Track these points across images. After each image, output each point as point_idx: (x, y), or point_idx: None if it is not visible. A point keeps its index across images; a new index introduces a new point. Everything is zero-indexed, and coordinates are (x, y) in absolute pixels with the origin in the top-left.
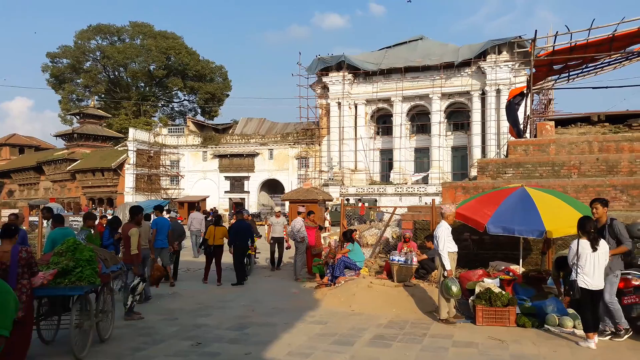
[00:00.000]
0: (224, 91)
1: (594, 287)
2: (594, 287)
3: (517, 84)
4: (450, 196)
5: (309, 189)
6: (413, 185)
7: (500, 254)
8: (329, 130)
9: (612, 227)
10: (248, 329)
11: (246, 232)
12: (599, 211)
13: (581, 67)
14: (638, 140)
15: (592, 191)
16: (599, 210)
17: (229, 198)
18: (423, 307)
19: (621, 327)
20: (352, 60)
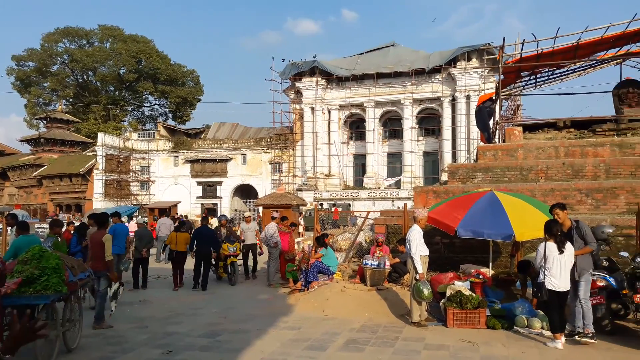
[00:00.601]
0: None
1: (560, 289)
2: (560, 289)
3: (486, 90)
4: (422, 200)
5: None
6: (386, 190)
7: (470, 257)
8: (303, 135)
9: (579, 228)
10: (220, 336)
11: (209, 238)
12: (560, 216)
13: (548, 74)
14: (602, 145)
15: (559, 195)
16: (560, 215)
17: (201, 204)
18: (395, 310)
19: (589, 331)
20: (325, 65)
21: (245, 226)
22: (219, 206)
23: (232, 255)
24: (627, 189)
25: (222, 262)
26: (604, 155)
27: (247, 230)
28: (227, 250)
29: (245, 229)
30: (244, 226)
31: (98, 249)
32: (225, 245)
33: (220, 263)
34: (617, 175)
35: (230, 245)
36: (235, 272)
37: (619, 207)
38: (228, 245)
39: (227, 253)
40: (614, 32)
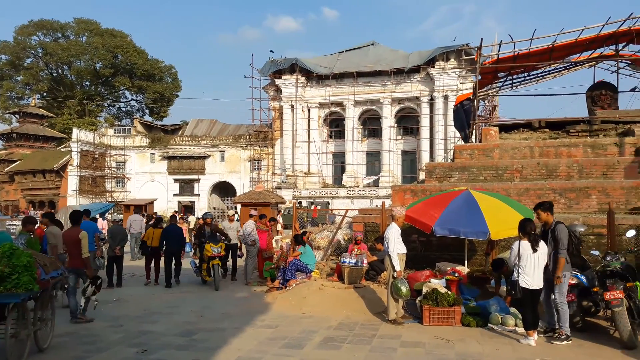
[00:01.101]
0: (174, 91)
1: (534, 287)
2: (534, 287)
3: (463, 90)
4: (400, 199)
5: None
6: (365, 188)
7: (446, 255)
8: (282, 132)
9: (554, 230)
10: (196, 335)
11: (178, 236)
12: (541, 217)
13: (524, 75)
14: (575, 146)
15: (533, 194)
16: (541, 217)
17: (178, 201)
18: (373, 308)
19: (563, 333)
20: (305, 63)
21: (228, 225)
22: (197, 204)
23: (217, 257)
24: (599, 188)
25: (205, 265)
26: (577, 156)
27: (229, 229)
28: (210, 251)
29: (227, 228)
30: (226, 225)
31: (73, 247)
32: (209, 245)
33: (203, 265)
34: (589, 176)
35: (213, 246)
36: (217, 276)
37: (591, 207)
38: (211, 246)
39: (210, 254)
40: (588, 35)
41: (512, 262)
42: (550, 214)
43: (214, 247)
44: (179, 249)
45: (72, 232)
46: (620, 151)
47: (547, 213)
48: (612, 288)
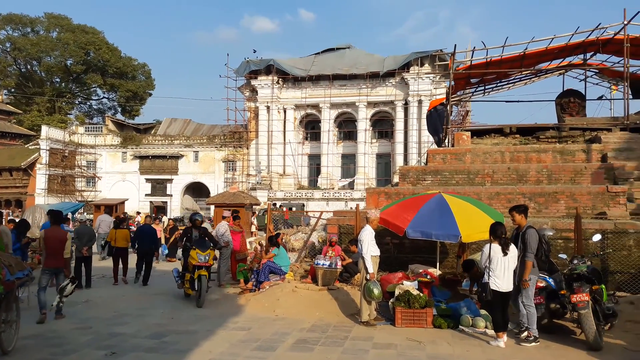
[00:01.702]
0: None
1: (503, 289)
2: (503, 289)
3: (437, 95)
4: (374, 201)
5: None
6: (340, 191)
7: (419, 258)
8: (258, 133)
9: (524, 234)
10: (167, 337)
11: (150, 236)
12: (515, 219)
13: (496, 82)
14: (544, 151)
15: (504, 198)
16: (515, 218)
17: (150, 201)
18: (346, 310)
19: (531, 334)
20: (281, 64)
21: None
22: (169, 204)
23: (203, 267)
24: (567, 193)
25: (188, 275)
26: (546, 161)
27: None
28: (195, 259)
29: None
30: None
31: (57, 246)
32: (195, 252)
33: (187, 276)
34: (558, 181)
35: (200, 253)
36: (203, 290)
37: (559, 211)
38: (198, 253)
39: (195, 262)
40: (557, 43)
41: (483, 264)
42: (524, 217)
43: (200, 255)
44: (152, 248)
45: (57, 232)
46: (588, 157)
47: (522, 216)
48: (578, 291)
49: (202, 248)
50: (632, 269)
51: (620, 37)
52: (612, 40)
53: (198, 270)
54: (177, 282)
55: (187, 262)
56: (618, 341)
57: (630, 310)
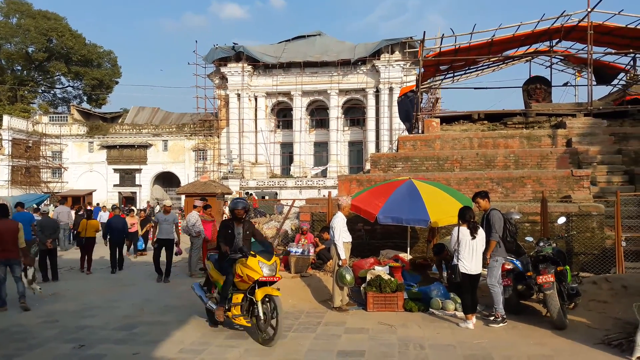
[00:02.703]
0: (113, 78)
1: (472, 272)
2: (472, 272)
3: (408, 82)
4: (346, 188)
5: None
6: (313, 179)
7: (390, 243)
8: (229, 122)
9: (489, 217)
10: (137, 329)
11: (121, 227)
12: (481, 204)
13: (465, 69)
14: (512, 137)
15: (472, 184)
16: (481, 204)
17: (119, 192)
18: (318, 296)
19: (498, 315)
20: (251, 51)
21: (162, 217)
22: (138, 195)
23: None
24: (534, 178)
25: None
26: (513, 147)
27: (163, 221)
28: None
29: (162, 220)
30: (160, 217)
31: (6, 238)
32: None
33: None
34: (525, 166)
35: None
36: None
37: (526, 195)
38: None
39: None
40: (524, 30)
41: (452, 247)
42: (488, 201)
43: (265, 265)
44: (123, 238)
45: (5, 223)
46: (553, 142)
47: (486, 200)
48: (544, 272)
49: (267, 255)
50: (595, 250)
51: (584, 25)
52: (576, 28)
53: (262, 289)
54: (207, 304)
55: (229, 278)
56: (582, 319)
57: (593, 290)
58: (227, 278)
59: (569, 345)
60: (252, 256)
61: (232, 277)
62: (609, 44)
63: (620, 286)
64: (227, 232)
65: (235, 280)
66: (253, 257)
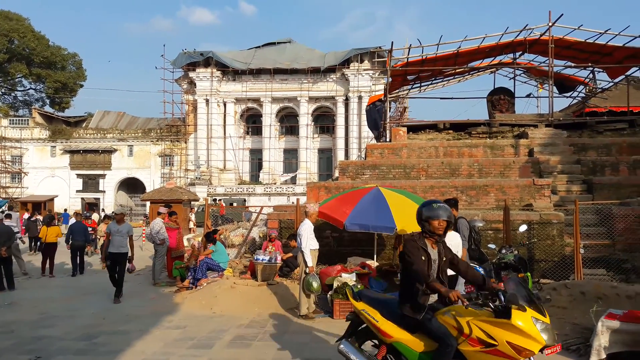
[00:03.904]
0: (78, 81)
1: None
2: None
3: (376, 91)
4: (314, 196)
5: (172, 188)
6: (282, 186)
7: (358, 250)
8: (196, 127)
9: (457, 225)
10: (97, 339)
11: (82, 232)
12: None
13: (431, 79)
14: (476, 146)
15: (438, 192)
16: None
17: (82, 198)
18: (285, 304)
19: None
20: (221, 57)
21: (115, 227)
22: (102, 201)
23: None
24: (497, 187)
25: None
26: (477, 156)
27: (115, 233)
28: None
29: (114, 231)
30: (112, 227)
31: None
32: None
33: None
34: (488, 174)
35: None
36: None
37: (490, 203)
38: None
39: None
40: (489, 43)
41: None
42: (455, 210)
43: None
44: (84, 242)
45: None
46: (516, 152)
47: (453, 209)
48: (506, 279)
49: (533, 305)
50: (555, 257)
51: (545, 38)
52: (538, 41)
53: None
54: None
55: (447, 343)
56: None
57: (553, 296)
58: (443, 345)
59: None
60: (518, 308)
61: (453, 342)
62: (569, 58)
63: (579, 292)
64: (421, 257)
65: (466, 350)
66: (519, 309)
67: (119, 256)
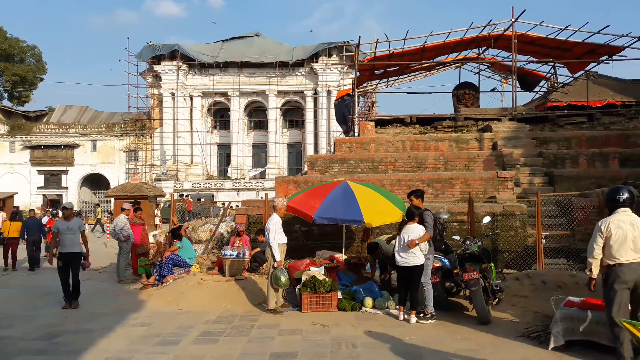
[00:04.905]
0: (38, 74)
1: (400, 264)
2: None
3: (345, 85)
4: (283, 190)
5: (137, 184)
6: (251, 180)
7: (326, 244)
8: (162, 122)
9: (423, 216)
10: (59, 338)
11: (38, 227)
12: (413, 202)
13: (399, 74)
14: (442, 140)
15: (405, 185)
16: (413, 202)
17: (43, 194)
18: (253, 299)
19: (428, 312)
20: (187, 50)
21: (63, 225)
22: (64, 197)
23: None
24: (462, 179)
25: None
26: (443, 149)
27: (65, 231)
28: None
29: (63, 229)
30: (60, 225)
31: None
32: None
33: None
34: (453, 167)
35: None
36: None
37: (455, 196)
38: None
39: None
40: (454, 38)
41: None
42: (421, 201)
43: None
44: (40, 237)
45: None
46: (480, 145)
47: (419, 200)
48: (469, 270)
49: None
50: (518, 248)
51: (509, 34)
52: (502, 36)
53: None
54: None
55: None
56: (505, 314)
57: (516, 286)
58: None
59: (493, 339)
60: None
61: None
62: (531, 53)
63: (540, 281)
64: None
65: None
66: None
67: (73, 256)
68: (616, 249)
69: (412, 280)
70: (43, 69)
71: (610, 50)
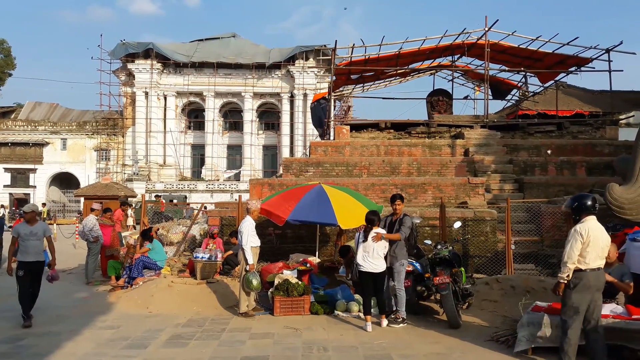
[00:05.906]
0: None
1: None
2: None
3: (321, 89)
4: (257, 192)
5: (108, 184)
6: (225, 182)
7: (300, 247)
8: (135, 121)
9: (402, 220)
10: (24, 341)
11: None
12: (398, 208)
13: (374, 79)
14: (415, 146)
15: (379, 189)
16: (398, 206)
17: (10, 193)
18: (225, 302)
19: (399, 316)
20: (161, 49)
21: (25, 229)
22: (32, 196)
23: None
24: (434, 185)
25: None
26: (416, 155)
27: (28, 236)
28: None
29: (24, 233)
30: (21, 229)
31: None
32: None
33: None
34: (426, 173)
35: None
36: None
37: (427, 201)
38: None
39: None
40: (429, 45)
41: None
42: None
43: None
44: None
45: None
46: (453, 152)
47: (403, 205)
48: (440, 274)
49: None
50: (488, 253)
51: (482, 42)
52: (475, 45)
53: None
54: None
55: None
56: (475, 318)
57: (485, 290)
58: None
59: (462, 343)
60: None
61: None
62: (504, 62)
63: (509, 286)
64: None
65: None
66: None
67: (36, 265)
68: (591, 254)
69: (378, 285)
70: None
71: (579, 62)
